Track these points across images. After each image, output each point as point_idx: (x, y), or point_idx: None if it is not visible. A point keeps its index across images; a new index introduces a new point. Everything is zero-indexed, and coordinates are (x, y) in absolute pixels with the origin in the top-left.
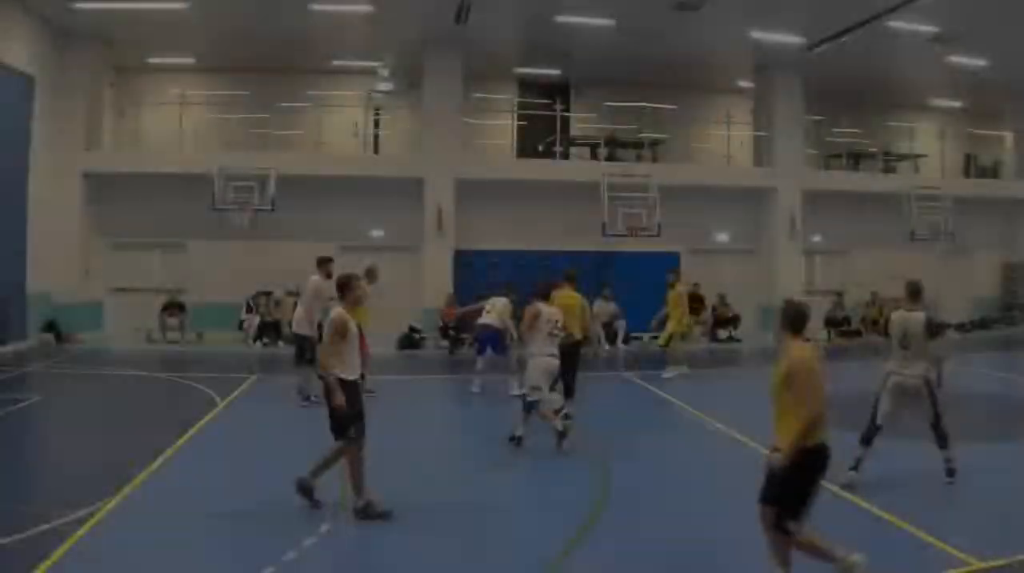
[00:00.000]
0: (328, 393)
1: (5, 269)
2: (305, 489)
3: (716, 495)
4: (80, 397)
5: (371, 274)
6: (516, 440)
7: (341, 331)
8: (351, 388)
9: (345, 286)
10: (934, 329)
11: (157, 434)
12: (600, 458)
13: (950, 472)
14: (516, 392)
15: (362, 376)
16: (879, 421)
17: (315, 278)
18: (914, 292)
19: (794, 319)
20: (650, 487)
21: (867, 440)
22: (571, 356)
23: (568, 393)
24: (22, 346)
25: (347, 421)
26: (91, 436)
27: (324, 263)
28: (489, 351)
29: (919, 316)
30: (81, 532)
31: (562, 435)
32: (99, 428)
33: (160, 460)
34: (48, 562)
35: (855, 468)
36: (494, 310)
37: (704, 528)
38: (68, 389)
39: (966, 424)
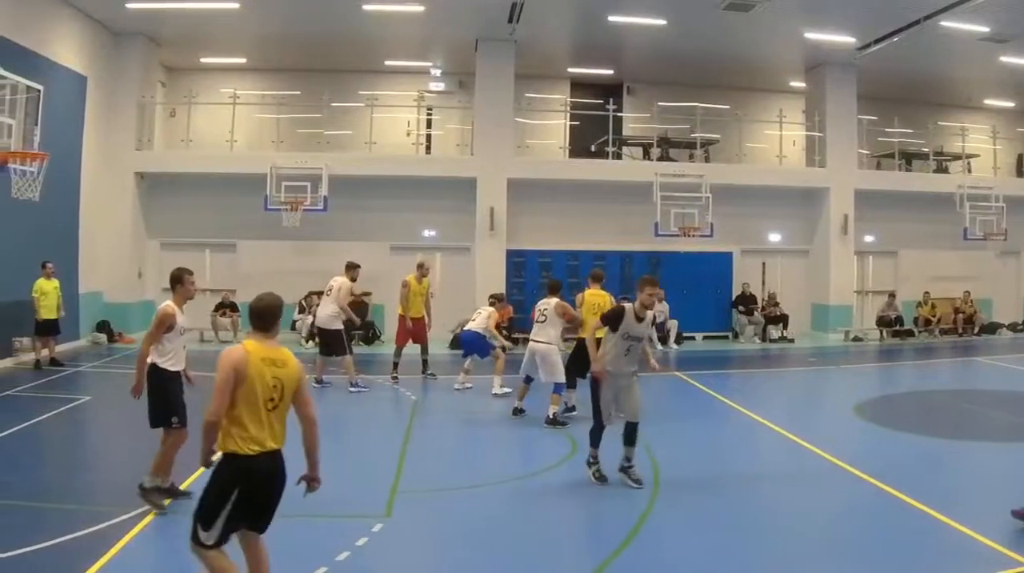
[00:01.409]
0: (137, 380)
1: (58, 268)
2: (146, 491)
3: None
4: (131, 397)
5: (422, 269)
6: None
7: (164, 324)
8: (174, 378)
9: (176, 280)
10: None
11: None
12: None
13: None
14: (498, 391)
15: (424, 362)
16: None
17: (342, 278)
18: None
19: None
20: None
21: None
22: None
23: (571, 384)
24: (74, 346)
25: (170, 410)
26: (142, 436)
27: (352, 268)
28: (475, 356)
29: None
30: (134, 531)
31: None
32: (151, 428)
33: (213, 460)
34: (102, 561)
35: None
36: (479, 317)
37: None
38: (120, 389)
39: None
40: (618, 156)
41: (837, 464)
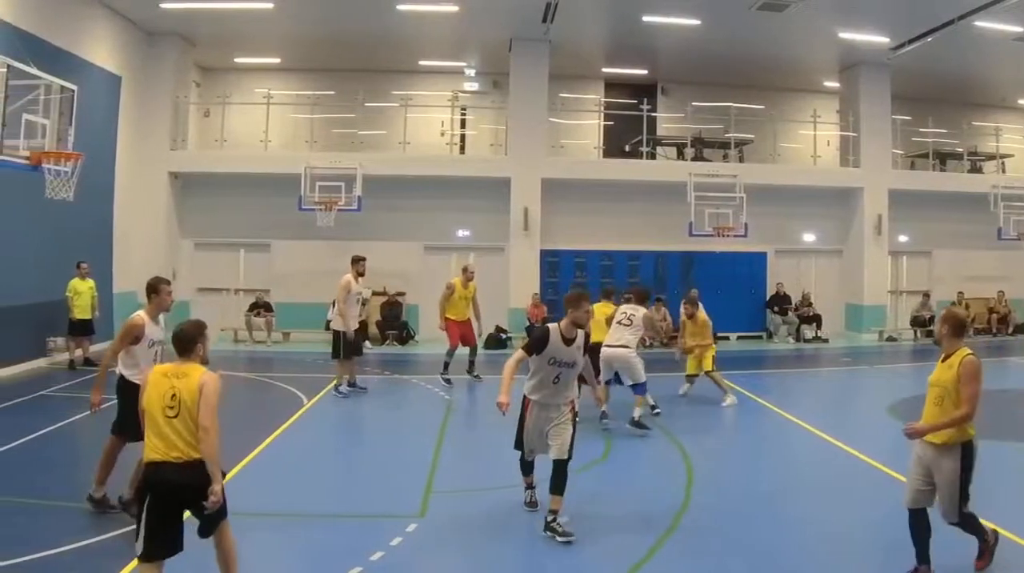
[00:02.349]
0: (94, 388)
1: (92, 268)
2: (95, 501)
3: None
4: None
5: (467, 272)
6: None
7: (130, 335)
8: (133, 390)
9: (152, 290)
10: None
11: (244, 434)
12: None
13: None
14: None
15: (471, 362)
16: None
17: (347, 276)
18: None
19: None
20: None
21: None
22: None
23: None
24: (108, 346)
25: (123, 422)
26: None
27: (357, 262)
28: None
29: None
30: None
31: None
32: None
33: (247, 460)
34: (135, 561)
35: None
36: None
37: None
38: None
39: None
40: (652, 156)
41: (871, 464)
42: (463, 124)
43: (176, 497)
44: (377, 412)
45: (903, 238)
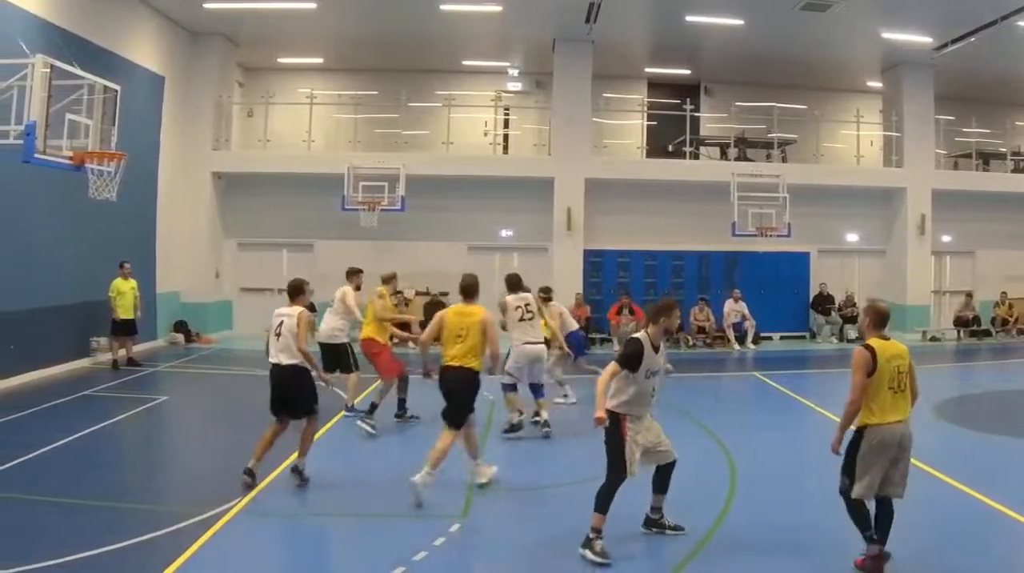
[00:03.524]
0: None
1: (135, 268)
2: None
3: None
4: (208, 397)
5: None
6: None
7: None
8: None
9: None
10: None
11: (287, 433)
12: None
13: None
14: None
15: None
16: None
17: (347, 288)
18: None
19: None
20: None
21: None
22: None
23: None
24: (151, 346)
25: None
26: (220, 435)
27: (354, 274)
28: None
29: None
30: (213, 530)
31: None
32: (228, 428)
33: (289, 460)
34: (180, 560)
35: None
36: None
37: None
38: (197, 389)
39: None
40: (696, 156)
41: (916, 464)
42: (506, 124)
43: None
44: (418, 411)
45: (946, 238)
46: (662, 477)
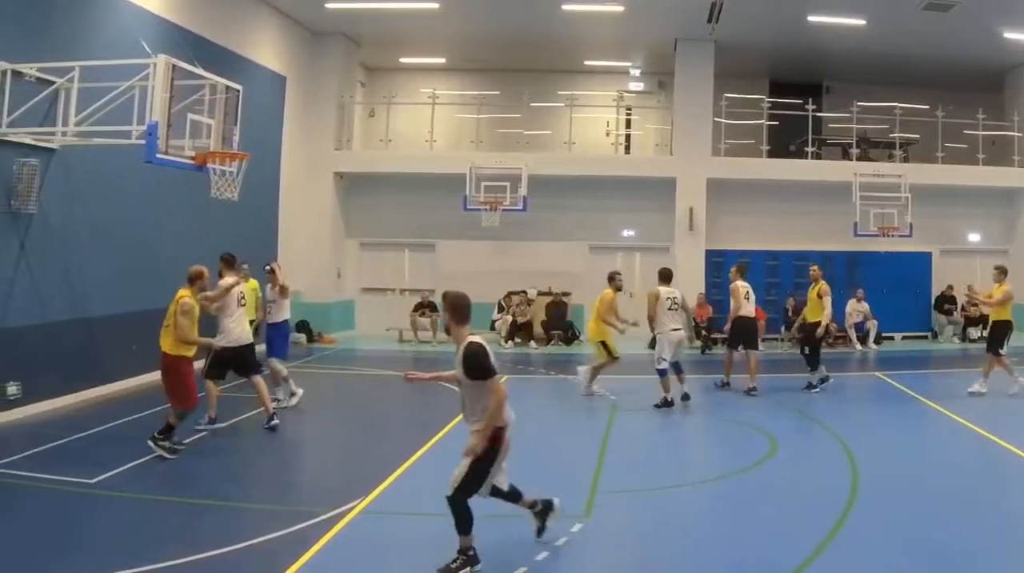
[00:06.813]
0: None
1: (258, 269)
2: None
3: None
4: (332, 397)
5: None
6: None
7: None
8: None
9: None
10: None
11: (409, 434)
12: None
13: None
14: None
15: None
16: None
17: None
18: None
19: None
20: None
21: None
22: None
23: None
24: None
25: None
26: (344, 435)
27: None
28: None
29: None
30: (334, 531)
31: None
32: (352, 427)
33: (412, 460)
34: (302, 560)
35: None
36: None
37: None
38: (321, 389)
39: None
40: (818, 156)
41: None
42: (628, 124)
43: None
44: (541, 412)
45: None
46: None
